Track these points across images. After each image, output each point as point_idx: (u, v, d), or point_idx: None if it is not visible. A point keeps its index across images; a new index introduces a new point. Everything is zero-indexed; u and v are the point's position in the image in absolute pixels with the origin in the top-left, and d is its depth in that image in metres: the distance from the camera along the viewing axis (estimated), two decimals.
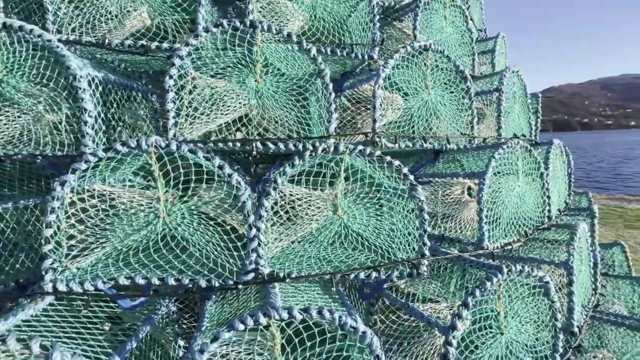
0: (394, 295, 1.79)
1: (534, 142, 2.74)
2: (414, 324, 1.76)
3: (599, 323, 2.26)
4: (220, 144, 1.51)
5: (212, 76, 1.60)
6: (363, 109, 2.16)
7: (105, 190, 1.27)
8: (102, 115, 1.53)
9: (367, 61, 1.99)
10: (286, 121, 1.68)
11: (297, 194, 1.49)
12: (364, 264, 1.45)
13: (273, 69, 1.60)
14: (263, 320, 1.07)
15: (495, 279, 1.35)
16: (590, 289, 2.39)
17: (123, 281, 1.27)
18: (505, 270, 1.38)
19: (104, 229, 1.28)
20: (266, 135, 1.65)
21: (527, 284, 1.50)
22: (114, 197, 1.27)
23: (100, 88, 1.52)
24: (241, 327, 1.05)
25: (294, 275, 1.38)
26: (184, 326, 1.87)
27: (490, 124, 2.37)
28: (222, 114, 1.59)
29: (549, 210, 2.23)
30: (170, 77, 1.43)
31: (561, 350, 1.63)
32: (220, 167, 1.28)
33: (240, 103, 1.59)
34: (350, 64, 2.20)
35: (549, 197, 2.20)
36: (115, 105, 1.63)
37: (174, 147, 1.24)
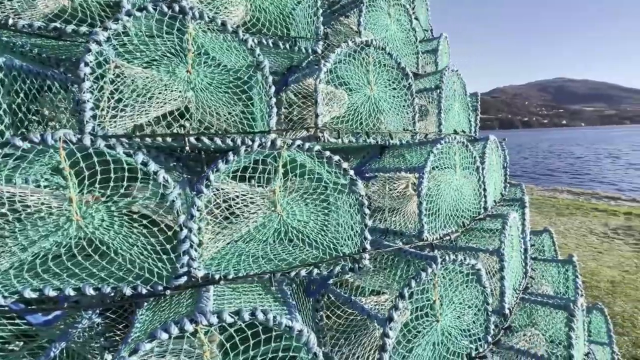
0: (340, 290, 1.80)
1: (473, 138, 2.92)
2: (359, 317, 1.79)
3: (529, 304, 2.47)
4: (148, 139, 1.39)
5: (139, 65, 1.47)
6: (310, 104, 2.13)
7: (3, 192, 1.10)
8: (5, 106, 1.33)
9: (311, 55, 1.96)
10: (228, 116, 1.60)
11: (235, 191, 1.42)
12: (305, 261, 1.43)
13: (207, 60, 1.51)
14: (189, 327, 1.00)
15: (429, 269, 1.40)
16: (522, 272, 2.61)
17: (29, 294, 1.12)
18: (439, 260, 1.44)
19: (1, 236, 1.12)
20: (211, 130, 1.56)
21: (461, 272, 1.59)
22: (14, 200, 1.11)
23: (1, 75, 1.32)
24: (164, 336, 0.98)
25: (231, 277, 1.32)
26: (118, 338, 1.72)
27: (433, 120, 2.47)
28: (151, 106, 1.47)
29: (485, 202, 2.38)
30: (86, 64, 1.28)
31: (493, 331, 1.75)
32: (144, 164, 1.18)
33: (172, 95, 1.48)
34: (297, 58, 2.16)
35: (485, 189, 2.35)
36: (23, 95, 1.44)
37: (87, 141, 1.12)
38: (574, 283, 2.74)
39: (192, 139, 1.43)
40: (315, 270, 1.43)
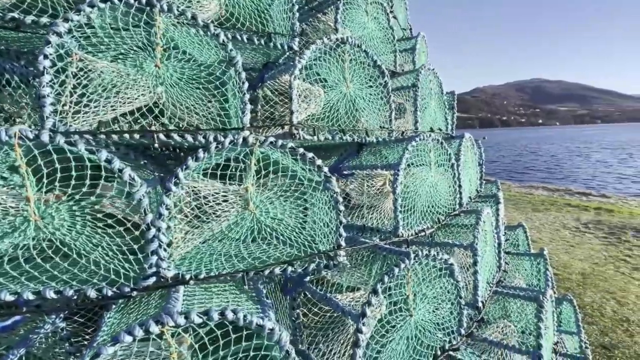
0: (318, 287, 1.80)
1: (449, 135, 2.98)
2: (335, 314, 1.79)
3: (502, 296, 2.55)
4: (115, 136, 1.34)
5: (105, 59, 1.41)
6: (286, 101, 2.11)
7: None
8: None
9: (287, 52, 1.95)
10: (200, 112, 1.56)
11: (207, 189, 1.39)
12: (279, 259, 1.42)
13: (178, 54, 1.46)
14: (155, 329, 0.97)
15: (402, 265, 1.41)
16: (495, 266, 2.69)
17: None
18: (412, 255, 1.46)
19: None
20: (183, 127, 1.52)
21: (434, 267, 1.61)
22: None
23: None
24: (128, 338, 0.95)
25: (202, 277, 1.29)
26: (86, 342, 1.66)
27: (410, 118, 2.51)
28: (118, 102, 1.42)
29: (461, 198, 2.44)
30: (46, 56, 1.22)
31: (466, 324, 1.79)
32: (108, 161, 1.13)
33: (140, 90, 1.43)
34: (273, 55, 2.13)
35: (460, 186, 2.41)
36: None
37: (45, 138, 1.06)
38: (545, 275, 2.85)
39: (161, 136, 1.38)
40: (290, 268, 1.42)
